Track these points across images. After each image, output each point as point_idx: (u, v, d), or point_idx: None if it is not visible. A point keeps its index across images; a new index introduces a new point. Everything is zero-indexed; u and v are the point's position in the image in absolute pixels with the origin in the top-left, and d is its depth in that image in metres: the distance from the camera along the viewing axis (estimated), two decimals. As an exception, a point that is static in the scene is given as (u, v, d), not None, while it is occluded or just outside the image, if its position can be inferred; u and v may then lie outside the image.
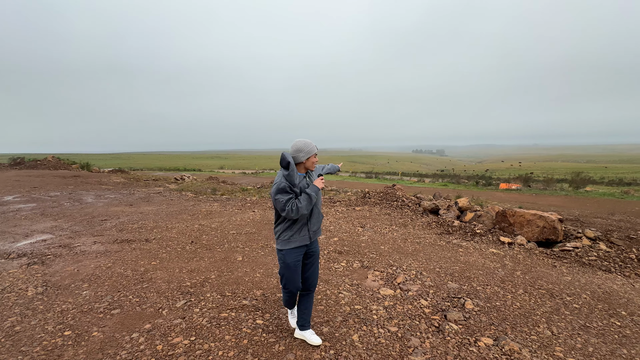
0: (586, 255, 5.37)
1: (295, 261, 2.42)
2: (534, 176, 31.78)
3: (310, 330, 2.55)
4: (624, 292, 3.75)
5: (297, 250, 2.42)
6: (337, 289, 3.55)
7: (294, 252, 2.41)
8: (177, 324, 2.71)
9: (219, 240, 5.47)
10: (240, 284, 3.63)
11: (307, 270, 2.53)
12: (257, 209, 8.85)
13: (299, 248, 2.42)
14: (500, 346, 2.49)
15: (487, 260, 4.77)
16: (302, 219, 2.41)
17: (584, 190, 19.02)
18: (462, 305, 3.23)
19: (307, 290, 2.57)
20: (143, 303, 3.14)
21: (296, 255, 2.43)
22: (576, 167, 65.95)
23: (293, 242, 2.39)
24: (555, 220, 6.36)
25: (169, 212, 8.26)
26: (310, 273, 2.54)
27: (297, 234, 2.40)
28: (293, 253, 2.41)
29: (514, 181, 25.04)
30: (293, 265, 2.41)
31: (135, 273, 3.95)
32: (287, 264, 2.41)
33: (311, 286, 2.56)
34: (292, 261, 2.41)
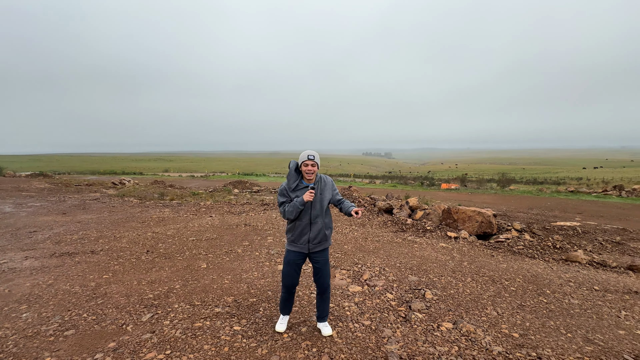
0: (516, 245, 6.25)
1: (292, 260, 2.60)
2: (468, 177, 35.46)
3: (324, 323, 2.77)
4: (546, 274, 4.47)
5: (297, 254, 2.60)
6: (308, 290, 3.64)
7: (293, 254, 2.61)
8: (147, 339, 2.55)
9: (178, 248, 5.18)
10: (209, 292, 3.51)
11: (315, 274, 2.69)
12: (215, 214, 8.52)
13: (298, 253, 2.61)
14: (459, 328, 2.83)
15: (438, 253, 5.28)
16: (301, 225, 2.54)
17: (508, 188, 21.83)
18: (422, 295, 3.57)
19: (319, 290, 2.71)
20: (102, 320, 2.87)
21: (295, 256, 2.60)
22: (501, 169, 75.10)
23: (294, 247, 2.61)
24: (490, 216, 7.26)
25: (114, 220, 7.53)
26: (318, 278, 2.68)
27: (298, 239, 2.57)
28: (292, 254, 2.61)
29: (453, 181, 27.71)
30: (292, 262, 2.61)
31: (85, 289, 3.58)
32: (286, 260, 2.64)
33: (321, 287, 2.69)
34: (291, 259, 2.61)
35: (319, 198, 2.56)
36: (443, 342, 2.61)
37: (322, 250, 2.64)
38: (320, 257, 2.64)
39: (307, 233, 2.56)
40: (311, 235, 2.56)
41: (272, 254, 4.90)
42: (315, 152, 2.60)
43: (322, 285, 2.68)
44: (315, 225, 2.56)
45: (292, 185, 2.55)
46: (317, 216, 2.57)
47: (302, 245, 2.59)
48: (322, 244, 2.63)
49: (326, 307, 2.75)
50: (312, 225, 2.57)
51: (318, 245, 2.61)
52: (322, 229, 2.58)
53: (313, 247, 2.60)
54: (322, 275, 2.66)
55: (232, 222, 7.13)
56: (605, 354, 2.54)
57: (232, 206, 10.59)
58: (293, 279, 2.68)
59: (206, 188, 19.32)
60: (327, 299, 2.73)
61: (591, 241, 6.69)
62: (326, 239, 2.64)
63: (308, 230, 2.56)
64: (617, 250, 6.21)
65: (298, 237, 2.57)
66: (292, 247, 2.63)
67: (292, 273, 2.65)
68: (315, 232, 2.57)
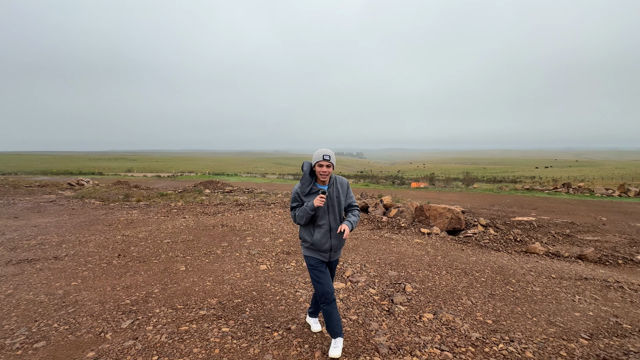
0: (482, 239, 6.70)
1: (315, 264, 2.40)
2: (435, 176, 37.21)
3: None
4: (511, 265, 4.86)
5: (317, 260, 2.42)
6: (293, 288, 3.66)
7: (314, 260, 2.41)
8: (131, 346, 2.44)
9: (152, 251, 4.95)
10: (191, 295, 3.41)
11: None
12: (188, 215, 8.22)
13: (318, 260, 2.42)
14: (439, 318, 3.01)
15: (414, 249, 5.53)
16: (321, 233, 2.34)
17: (472, 187, 23.23)
18: (403, 289, 3.74)
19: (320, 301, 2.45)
20: (76, 330, 2.70)
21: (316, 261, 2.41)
22: (465, 168, 79.57)
23: (313, 254, 2.41)
24: (459, 212, 7.72)
25: (76, 224, 7.01)
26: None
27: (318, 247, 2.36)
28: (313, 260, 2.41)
29: (422, 180, 28.94)
30: (317, 264, 2.40)
31: (52, 297, 3.32)
32: (309, 265, 2.43)
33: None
34: (313, 263, 2.40)
35: (335, 202, 2.38)
36: (426, 331, 2.77)
37: (338, 258, 2.56)
38: (335, 263, 2.56)
39: (327, 241, 2.36)
40: (333, 243, 2.38)
41: (253, 254, 4.85)
42: (332, 151, 2.36)
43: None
44: (335, 232, 2.37)
45: (306, 190, 2.34)
46: (336, 223, 2.38)
47: (323, 254, 2.41)
48: (340, 251, 2.52)
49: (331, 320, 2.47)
50: (333, 232, 2.37)
51: (337, 254, 2.48)
52: (341, 238, 2.38)
53: (333, 256, 2.46)
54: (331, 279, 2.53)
55: (208, 223, 6.94)
56: (566, 333, 2.83)
57: (206, 207, 10.27)
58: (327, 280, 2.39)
59: (175, 189, 18.52)
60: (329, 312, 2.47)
61: (546, 234, 7.34)
62: (343, 245, 2.51)
63: (329, 238, 2.36)
64: (568, 242, 6.88)
65: (318, 245, 2.36)
66: (311, 253, 2.43)
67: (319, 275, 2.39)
68: (337, 241, 2.39)
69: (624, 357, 2.41)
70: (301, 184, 2.37)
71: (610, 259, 5.60)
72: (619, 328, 2.97)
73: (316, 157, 2.33)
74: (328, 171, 2.32)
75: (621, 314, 3.30)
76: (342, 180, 2.49)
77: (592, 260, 5.56)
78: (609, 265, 5.37)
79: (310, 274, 2.42)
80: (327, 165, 2.31)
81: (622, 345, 2.62)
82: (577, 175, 48.43)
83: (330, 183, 2.41)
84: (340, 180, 2.47)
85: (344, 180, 2.51)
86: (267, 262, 4.53)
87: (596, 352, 2.49)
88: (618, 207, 12.24)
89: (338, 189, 2.42)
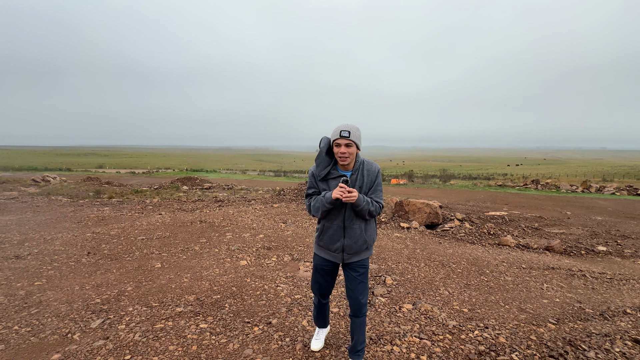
0: (458, 233, 6.93)
1: (320, 266, 2.06)
2: (415, 173, 38.11)
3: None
4: (485, 257, 5.05)
5: (325, 261, 2.04)
6: (274, 283, 3.62)
7: (320, 259, 2.07)
8: (101, 346, 2.31)
9: (125, 249, 4.72)
10: (167, 292, 3.29)
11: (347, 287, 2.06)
12: (165, 212, 7.93)
13: (327, 261, 2.03)
14: (418, 308, 3.07)
15: (394, 243, 5.63)
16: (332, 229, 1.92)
17: (449, 183, 24.00)
18: (383, 281, 3.79)
19: (352, 310, 2.05)
20: (39, 332, 2.52)
21: (323, 262, 2.05)
22: (442, 166, 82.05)
23: (322, 252, 2.04)
24: (437, 207, 7.93)
25: (41, 221, 6.58)
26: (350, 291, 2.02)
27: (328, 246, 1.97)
28: (319, 259, 2.07)
29: (401, 177, 29.58)
30: (319, 268, 2.07)
31: (12, 298, 3.09)
32: (313, 264, 2.12)
33: (354, 306, 2.02)
34: (318, 264, 2.08)
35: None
36: (406, 321, 2.82)
37: (360, 260, 2.00)
38: (357, 267, 2.00)
39: (339, 239, 1.92)
40: (346, 242, 1.92)
41: (232, 250, 4.75)
42: (355, 125, 1.83)
43: (357, 304, 2.01)
44: (351, 231, 1.90)
45: (322, 173, 1.89)
46: (354, 218, 1.90)
47: (334, 254, 1.98)
48: (361, 254, 1.97)
49: (362, 337, 2.07)
50: (347, 230, 1.90)
51: (355, 256, 1.97)
52: (361, 236, 1.92)
53: (348, 258, 1.96)
54: (357, 288, 1.98)
55: (186, 219, 6.72)
56: (535, 319, 2.98)
57: (183, 203, 9.97)
58: (321, 288, 2.10)
59: (150, 185, 17.84)
60: (363, 324, 2.05)
61: (517, 227, 7.71)
62: (366, 248, 1.98)
63: (341, 236, 1.92)
64: (536, 235, 7.26)
65: (328, 243, 1.96)
66: (320, 251, 2.04)
67: (319, 280, 2.09)
68: (352, 240, 1.91)
69: (587, 338, 2.57)
70: (316, 164, 1.93)
71: (574, 250, 5.96)
72: (582, 312, 3.17)
73: (333, 134, 1.83)
74: (348, 152, 1.80)
75: (584, 299, 3.52)
76: (371, 166, 1.93)
77: (558, 251, 5.89)
78: (573, 255, 5.72)
79: (312, 274, 2.14)
80: (346, 144, 1.79)
81: (585, 328, 2.79)
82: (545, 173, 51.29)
83: (356, 168, 1.89)
84: (369, 166, 1.92)
85: (374, 166, 1.94)
86: (247, 257, 4.45)
87: (562, 336, 2.64)
88: (581, 202, 13.06)
89: (363, 176, 1.89)
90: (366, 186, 1.90)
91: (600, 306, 3.34)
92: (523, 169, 75.33)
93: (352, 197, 1.75)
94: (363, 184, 1.89)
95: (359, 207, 1.82)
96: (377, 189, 1.92)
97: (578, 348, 2.42)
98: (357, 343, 2.07)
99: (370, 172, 1.91)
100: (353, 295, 2.00)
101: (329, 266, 2.04)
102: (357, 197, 1.77)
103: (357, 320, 2.04)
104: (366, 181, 1.89)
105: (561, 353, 2.35)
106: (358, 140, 1.83)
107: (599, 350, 2.38)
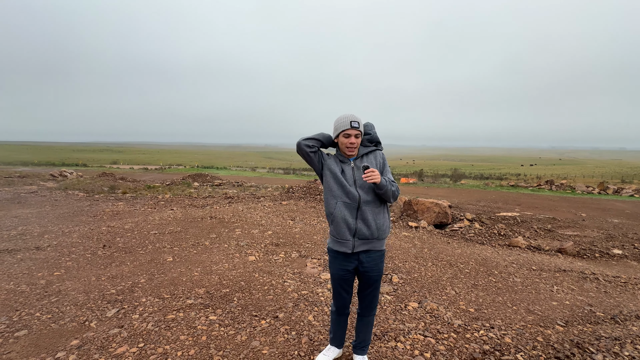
0: (468, 233, 6.87)
1: (337, 274, 1.95)
2: (424, 172, 37.72)
3: (362, 357, 2.14)
4: (494, 258, 5.00)
5: (338, 255, 1.93)
6: (281, 279, 3.69)
7: (333, 254, 1.96)
8: (116, 334, 2.42)
9: (139, 242, 4.88)
10: (178, 285, 3.40)
11: (359, 285, 2.04)
12: (176, 207, 8.12)
13: (339, 254, 1.92)
14: (424, 307, 3.09)
15: (402, 242, 5.62)
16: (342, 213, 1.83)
17: (460, 183, 23.67)
18: (390, 279, 3.81)
19: (361, 309, 2.07)
20: (59, 319, 2.65)
21: (336, 257, 1.94)
22: (453, 165, 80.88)
23: (333, 243, 1.94)
24: (446, 207, 7.87)
25: (59, 215, 6.84)
26: (361, 291, 2.02)
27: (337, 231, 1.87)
28: (332, 254, 1.96)
29: (411, 176, 29.33)
30: (336, 276, 1.97)
31: (34, 287, 3.25)
32: (331, 272, 2.01)
33: (364, 307, 2.04)
34: (331, 261, 1.98)
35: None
36: (411, 319, 2.84)
37: (371, 251, 1.91)
38: (368, 260, 1.91)
39: (351, 223, 1.84)
40: (358, 226, 1.84)
41: (241, 246, 4.84)
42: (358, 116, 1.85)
43: (367, 306, 2.01)
44: (362, 214, 1.83)
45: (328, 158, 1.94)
46: (367, 202, 1.84)
47: (343, 242, 1.87)
48: (372, 243, 1.89)
49: (368, 335, 2.10)
50: (360, 212, 1.83)
51: (366, 244, 1.88)
52: (373, 220, 1.85)
53: (359, 245, 1.86)
54: (370, 292, 1.97)
55: (196, 215, 6.87)
56: (543, 321, 2.95)
57: (194, 199, 10.16)
58: (342, 298, 2.01)
59: (163, 181, 18.21)
60: (370, 323, 2.08)
61: (528, 229, 7.57)
62: (379, 236, 1.89)
63: (353, 217, 1.83)
64: (549, 236, 7.12)
65: (337, 227, 1.86)
66: (332, 243, 1.95)
67: (338, 290, 1.99)
68: (363, 224, 1.84)
69: (596, 341, 2.54)
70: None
71: (588, 253, 5.83)
72: (592, 316, 3.12)
73: (341, 125, 1.83)
74: (357, 142, 1.84)
75: (595, 303, 3.46)
76: (373, 151, 1.97)
77: (570, 253, 5.77)
78: (587, 258, 5.60)
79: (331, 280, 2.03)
80: (355, 135, 1.82)
81: (595, 332, 2.76)
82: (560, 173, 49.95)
83: (361, 154, 1.93)
84: (370, 151, 1.96)
85: (378, 152, 1.98)
86: (255, 253, 4.54)
87: (570, 338, 2.61)
88: (597, 204, 12.70)
89: (371, 160, 1.92)
90: (378, 169, 1.90)
91: (612, 310, 3.28)
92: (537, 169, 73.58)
93: (376, 177, 1.73)
94: (372, 165, 1.91)
95: (383, 189, 1.79)
96: (388, 170, 1.94)
97: (586, 350, 2.40)
98: (363, 341, 2.13)
99: (376, 155, 1.94)
100: (365, 298, 2.03)
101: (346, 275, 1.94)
102: (380, 178, 1.76)
103: (365, 319, 2.08)
104: (376, 164, 1.91)
105: (567, 355, 2.33)
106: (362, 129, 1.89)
107: (608, 354, 2.35)
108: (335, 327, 2.15)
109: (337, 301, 2.06)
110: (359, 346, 2.15)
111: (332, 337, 2.19)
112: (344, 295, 2.02)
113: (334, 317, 2.13)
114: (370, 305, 2.03)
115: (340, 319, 2.12)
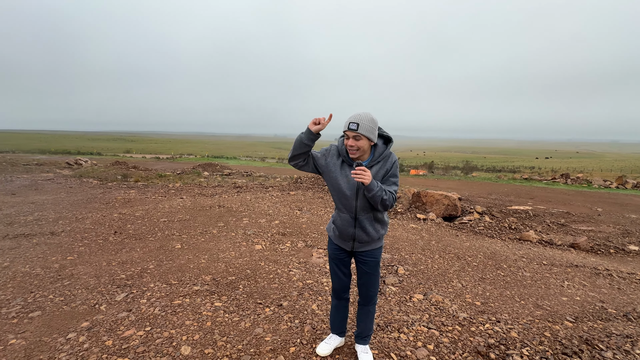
0: (477, 226, 6.76)
1: (333, 254, 2.03)
2: (435, 164, 37.17)
3: (364, 346, 2.13)
4: (503, 252, 4.91)
5: (337, 248, 2.01)
6: (287, 268, 3.71)
7: (333, 246, 2.04)
8: (124, 317, 2.49)
9: (149, 229, 4.98)
10: (185, 272, 3.46)
11: (358, 278, 2.07)
12: (186, 196, 8.24)
13: (339, 248, 2.01)
14: (429, 299, 3.07)
15: (409, 233, 5.57)
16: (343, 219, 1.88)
17: (471, 175, 23.25)
18: (395, 271, 3.79)
19: (361, 300, 2.10)
20: (71, 301, 2.74)
21: (335, 249, 2.02)
22: (464, 157, 79.41)
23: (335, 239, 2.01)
24: (456, 199, 7.74)
25: (73, 201, 7.03)
26: (362, 284, 2.04)
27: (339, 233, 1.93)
28: (332, 246, 2.05)
29: (421, 168, 28.94)
30: (333, 256, 2.04)
31: (48, 271, 3.36)
32: (328, 253, 2.08)
33: (364, 297, 2.07)
34: (330, 252, 2.05)
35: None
36: (415, 311, 2.82)
37: (370, 250, 1.96)
38: (367, 258, 1.96)
39: (350, 228, 1.88)
40: (357, 233, 1.89)
41: (248, 234, 4.89)
42: (369, 116, 1.71)
43: (365, 294, 2.05)
44: (361, 222, 1.86)
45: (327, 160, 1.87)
46: (364, 209, 1.84)
47: (344, 242, 1.96)
48: (371, 244, 1.95)
49: (369, 325, 2.11)
50: (358, 221, 1.86)
51: (365, 245, 1.94)
52: (371, 225, 1.87)
53: (358, 247, 1.94)
54: (367, 280, 2.00)
55: (205, 203, 6.96)
56: (552, 316, 2.89)
57: (204, 188, 10.28)
58: (339, 279, 2.05)
59: (174, 170, 18.49)
60: (370, 313, 2.09)
61: (540, 223, 7.40)
62: (378, 239, 1.94)
63: (352, 226, 1.88)
64: (562, 231, 6.94)
65: (340, 230, 1.93)
66: (331, 232, 2.03)
67: (334, 269, 2.05)
68: (362, 230, 1.88)
69: (606, 338, 2.47)
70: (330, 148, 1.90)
71: (602, 248, 5.67)
72: (604, 312, 3.04)
73: (344, 125, 1.75)
74: (357, 145, 1.71)
75: (607, 299, 3.37)
76: (388, 157, 1.83)
77: (584, 249, 5.62)
78: (601, 254, 5.44)
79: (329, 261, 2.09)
80: (354, 137, 1.70)
81: (606, 328, 2.68)
82: (577, 167, 48.46)
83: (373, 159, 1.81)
84: (385, 157, 1.82)
85: (392, 157, 1.83)
86: (262, 242, 4.58)
87: (579, 334, 2.55)
88: (614, 199, 12.28)
89: (379, 167, 1.81)
90: (380, 175, 1.81)
91: (625, 307, 3.19)
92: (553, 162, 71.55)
93: (365, 177, 1.62)
94: (377, 173, 1.80)
95: (372, 193, 1.68)
96: (391, 180, 1.81)
97: (595, 347, 2.34)
98: (364, 331, 2.13)
99: (385, 161, 1.82)
100: (362, 286, 2.05)
101: (342, 254, 2.01)
102: (370, 179, 1.65)
103: (365, 308, 2.09)
104: (381, 171, 1.81)
105: (576, 351, 2.28)
106: (369, 132, 1.70)
107: (618, 351, 2.29)
108: (335, 313, 2.18)
109: (334, 283, 2.10)
110: (361, 336, 2.15)
111: (332, 324, 2.22)
112: (340, 276, 2.05)
113: (334, 302, 2.17)
114: (369, 293, 2.05)
115: (340, 304, 2.15)
